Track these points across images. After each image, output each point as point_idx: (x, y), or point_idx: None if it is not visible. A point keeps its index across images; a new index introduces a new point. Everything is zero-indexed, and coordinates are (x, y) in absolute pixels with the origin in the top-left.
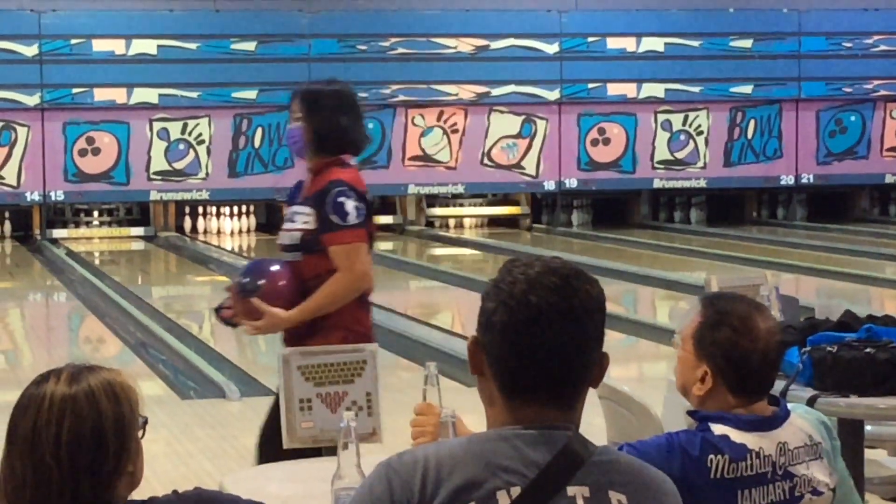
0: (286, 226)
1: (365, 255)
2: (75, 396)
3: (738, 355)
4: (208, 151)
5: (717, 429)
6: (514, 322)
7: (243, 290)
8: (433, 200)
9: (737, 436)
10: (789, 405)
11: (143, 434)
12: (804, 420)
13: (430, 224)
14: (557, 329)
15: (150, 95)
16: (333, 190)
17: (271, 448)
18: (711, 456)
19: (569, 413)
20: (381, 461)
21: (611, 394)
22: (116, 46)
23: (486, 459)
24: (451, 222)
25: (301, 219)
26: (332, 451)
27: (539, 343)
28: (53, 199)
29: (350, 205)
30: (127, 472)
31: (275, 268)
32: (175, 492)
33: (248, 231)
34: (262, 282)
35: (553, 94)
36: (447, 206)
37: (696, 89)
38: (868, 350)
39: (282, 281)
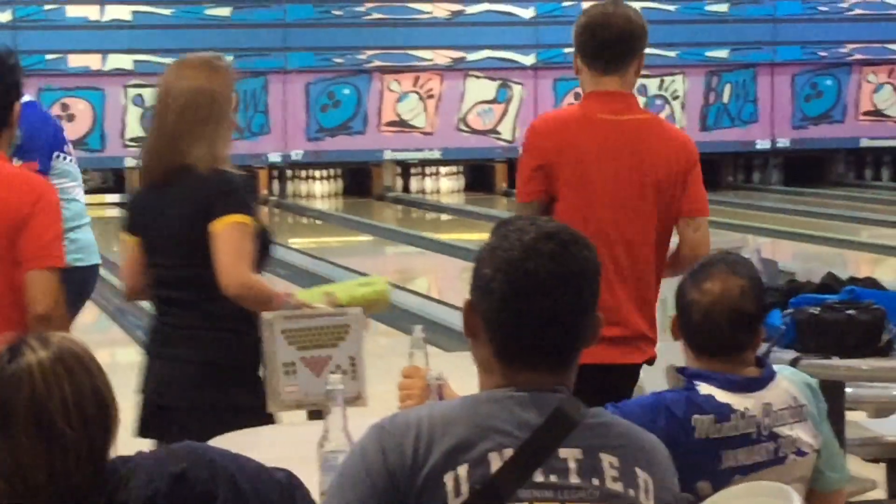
0: None
1: None
2: (61, 358)
3: (684, 304)
4: None
5: (703, 388)
6: (512, 290)
7: None
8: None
9: (722, 396)
10: (775, 367)
11: None
12: (790, 382)
13: (406, 189)
14: (555, 296)
15: (124, 62)
16: None
17: None
18: (696, 416)
19: (562, 376)
20: (374, 423)
21: None
22: (90, 12)
23: (478, 421)
24: (428, 187)
25: None
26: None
27: (537, 310)
28: None
29: None
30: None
31: None
32: (166, 445)
33: None
34: None
35: (529, 59)
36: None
37: (672, 54)
38: (850, 312)
39: None
